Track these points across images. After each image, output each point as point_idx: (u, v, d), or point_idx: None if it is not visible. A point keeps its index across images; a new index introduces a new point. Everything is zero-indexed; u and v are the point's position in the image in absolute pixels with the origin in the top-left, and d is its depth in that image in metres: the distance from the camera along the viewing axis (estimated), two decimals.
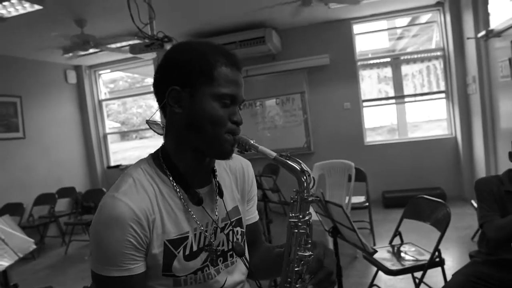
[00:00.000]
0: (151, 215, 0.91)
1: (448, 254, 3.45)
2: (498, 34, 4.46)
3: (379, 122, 10.15)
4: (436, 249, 2.43)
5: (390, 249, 2.79)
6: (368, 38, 8.04)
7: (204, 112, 0.91)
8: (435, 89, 6.01)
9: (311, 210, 0.96)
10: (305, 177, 0.86)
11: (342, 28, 5.80)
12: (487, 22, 4.70)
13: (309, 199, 0.87)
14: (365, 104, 6.10)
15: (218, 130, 0.92)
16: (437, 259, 2.45)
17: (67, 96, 6.62)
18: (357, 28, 5.99)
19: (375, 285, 2.81)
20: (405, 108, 7.52)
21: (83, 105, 6.89)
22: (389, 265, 2.48)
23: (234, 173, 1.12)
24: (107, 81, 7.75)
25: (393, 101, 6.67)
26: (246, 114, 6.03)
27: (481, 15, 4.76)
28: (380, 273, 2.59)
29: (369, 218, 4.17)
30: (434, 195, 5.14)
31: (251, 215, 1.17)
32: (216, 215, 1.02)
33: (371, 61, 6.40)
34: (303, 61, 5.78)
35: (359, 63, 6.09)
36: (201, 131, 0.92)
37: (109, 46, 4.66)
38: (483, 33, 4.65)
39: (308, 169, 0.87)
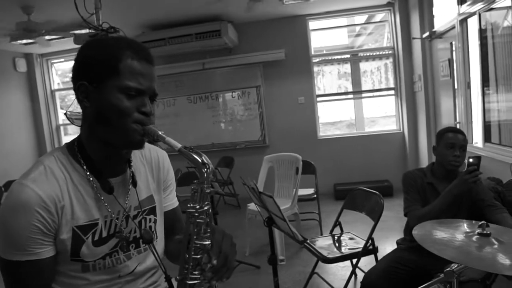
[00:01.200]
0: (60, 202, 0.95)
1: (389, 242, 3.65)
2: (440, 35, 4.72)
3: (338, 116, 10.45)
4: (370, 237, 2.58)
5: (331, 238, 2.93)
6: (328, 35, 8.21)
7: (109, 104, 0.94)
8: (388, 86, 6.23)
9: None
10: (206, 169, 0.91)
11: (297, 24, 5.91)
12: (431, 24, 4.95)
13: (207, 190, 0.91)
14: (321, 99, 6.24)
15: (124, 120, 0.95)
16: (371, 247, 2.60)
17: (15, 85, 6.36)
18: (313, 24, 6.11)
19: (316, 273, 2.93)
20: (362, 103, 7.79)
21: (34, 95, 6.64)
22: (326, 253, 2.61)
23: (150, 163, 1.17)
24: (67, 70, 7.48)
25: (351, 96, 6.88)
26: (203, 107, 6.05)
27: (427, 17, 5.00)
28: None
29: (318, 210, 4.32)
30: (382, 187, 5.46)
31: (169, 202, 1.23)
32: (126, 203, 1.06)
33: (329, 57, 6.55)
34: (259, 55, 5.85)
35: (318, 59, 6.24)
36: (108, 123, 0.96)
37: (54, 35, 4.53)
38: (427, 34, 4.90)
39: (209, 162, 0.93)
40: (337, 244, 2.82)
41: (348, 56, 6.79)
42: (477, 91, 3.93)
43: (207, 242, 0.91)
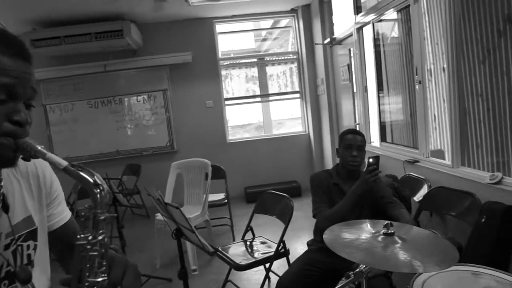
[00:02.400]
0: None
1: (300, 242, 3.75)
2: (340, 42, 5.01)
3: (247, 119, 10.60)
4: (281, 240, 2.60)
5: (243, 244, 2.90)
6: (236, 38, 8.24)
7: None
8: (294, 89, 6.43)
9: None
10: (99, 191, 0.77)
11: (204, 27, 5.83)
12: (332, 31, 5.23)
13: (102, 217, 0.76)
14: (229, 102, 6.23)
15: None
16: (282, 250, 2.62)
17: None
18: (220, 27, 6.08)
19: (229, 280, 2.88)
20: (269, 106, 7.96)
21: None
22: (239, 260, 2.56)
23: (26, 177, 0.97)
24: None
25: (259, 99, 6.98)
26: (105, 112, 5.64)
27: (327, 24, 5.27)
28: None
29: (229, 215, 4.28)
30: (291, 188, 5.62)
31: (58, 217, 1.03)
32: None
33: (237, 61, 6.57)
34: (165, 57, 5.64)
35: (226, 62, 6.22)
36: None
37: None
38: (328, 40, 5.17)
39: (103, 183, 0.79)
40: (249, 250, 2.80)
41: (255, 60, 6.87)
42: (373, 94, 4.24)
43: (101, 279, 0.75)
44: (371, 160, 2.03)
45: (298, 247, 3.57)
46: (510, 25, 3.06)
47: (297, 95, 6.27)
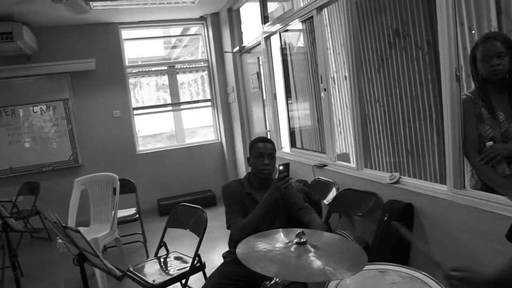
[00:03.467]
0: None
1: (216, 253, 3.68)
2: (249, 50, 5.08)
3: (159, 129, 10.25)
4: (196, 254, 2.51)
5: (157, 261, 2.75)
6: (144, 45, 7.92)
7: None
8: (206, 97, 6.35)
9: None
10: None
11: (109, 32, 5.51)
12: (241, 39, 5.29)
13: None
14: (139, 111, 5.96)
15: None
16: (198, 264, 2.54)
17: None
18: (126, 33, 5.79)
19: None
20: (181, 115, 7.78)
21: None
22: (152, 279, 2.42)
23: None
24: None
25: (170, 108, 6.78)
26: None
27: (236, 33, 5.32)
28: None
29: (141, 230, 4.07)
30: (205, 198, 5.53)
31: None
32: None
33: (146, 69, 6.31)
34: (65, 64, 5.19)
35: (135, 70, 5.93)
36: None
37: None
38: (237, 48, 5.21)
39: None
40: (164, 267, 2.67)
41: (165, 68, 6.68)
42: (282, 102, 4.36)
43: None
44: (281, 167, 2.05)
45: (215, 259, 3.51)
46: (399, 38, 3.37)
47: (209, 103, 6.22)
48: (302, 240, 1.36)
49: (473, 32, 2.83)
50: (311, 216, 2.13)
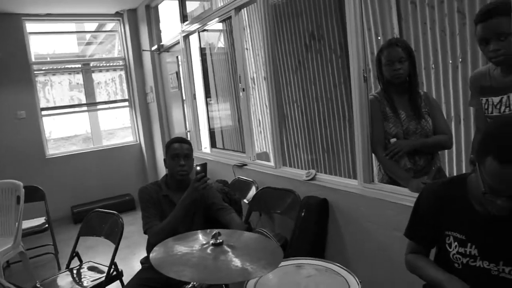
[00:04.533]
0: None
1: (136, 260, 3.53)
2: (168, 49, 4.95)
3: (73, 130, 9.56)
4: (112, 262, 2.38)
5: (69, 273, 2.56)
6: (55, 41, 7.33)
7: None
8: (124, 97, 6.05)
9: None
10: None
11: (10, 24, 4.98)
12: (159, 38, 5.14)
13: None
14: (48, 112, 5.49)
15: None
16: (115, 273, 2.41)
17: None
18: (32, 26, 5.29)
19: None
20: (98, 115, 7.34)
21: None
22: None
23: None
24: None
25: (85, 108, 6.34)
26: None
27: (154, 30, 5.16)
28: None
29: (52, 241, 3.75)
30: (124, 202, 5.29)
31: None
32: None
33: (57, 66, 5.85)
34: None
35: (44, 67, 5.46)
36: None
37: None
38: (156, 47, 5.05)
39: None
40: (77, 279, 2.49)
41: (79, 65, 6.26)
42: (202, 102, 4.32)
43: None
44: (198, 168, 2.03)
45: (135, 265, 3.36)
46: (314, 41, 3.52)
47: (126, 103, 5.95)
48: (218, 241, 1.35)
49: (379, 37, 3.05)
50: (230, 216, 2.13)
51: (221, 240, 1.35)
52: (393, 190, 2.06)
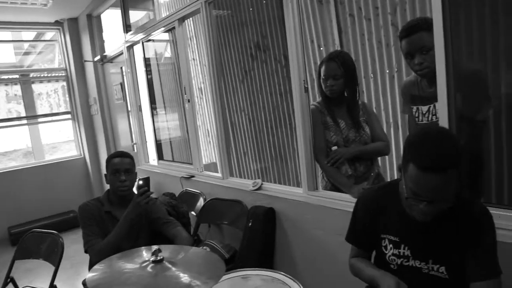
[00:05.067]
0: None
1: (80, 279, 3.36)
2: (111, 60, 4.81)
3: (12, 145, 8.97)
4: (52, 285, 2.26)
5: None
6: None
7: None
8: (68, 109, 5.76)
9: None
10: None
11: None
12: (102, 48, 4.98)
13: None
14: None
15: None
16: None
17: None
18: None
19: None
20: (39, 129, 6.93)
21: None
22: None
23: None
24: None
25: (25, 121, 5.96)
26: None
27: (97, 41, 4.99)
28: None
29: None
30: (68, 219, 5.04)
31: None
32: None
33: None
34: None
35: None
36: None
37: None
38: (99, 57, 4.89)
39: None
40: None
41: (17, 76, 5.90)
42: (148, 113, 4.23)
43: None
44: (140, 181, 1.98)
45: (79, 286, 3.19)
46: (260, 52, 3.57)
47: (69, 115, 5.69)
48: (158, 258, 1.31)
49: (321, 49, 3.15)
50: (176, 230, 2.09)
51: (161, 257, 1.32)
52: (336, 196, 2.11)
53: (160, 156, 4.15)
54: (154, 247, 1.41)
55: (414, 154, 1.15)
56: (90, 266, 2.09)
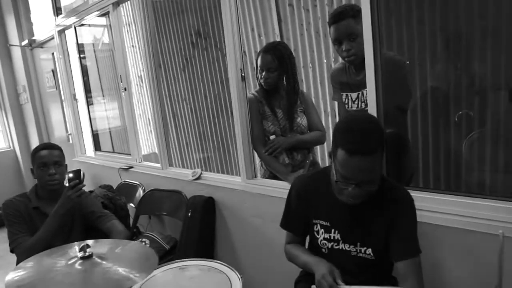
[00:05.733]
0: None
1: None
2: (41, 44, 4.50)
3: None
4: None
5: None
6: None
7: None
8: None
9: None
10: None
11: None
12: (31, 31, 4.64)
13: None
14: None
15: None
16: None
17: None
18: None
19: None
20: None
21: None
22: None
23: None
24: None
25: None
26: None
27: (25, 23, 4.64)
28: None
29: None
30: None
31: None
32: None
33: None
34: None
35: None
36: None
37: None
38: (26, 41, 4.56)
39: None
40: None
41: None
42: (83, 102, 4.02)
43: None
44: (71, 174, 1.88)
45: None
46: (201, 39, 3.51)
47: None
48: (87, 254, 1.26)
49: (261, 38, 3.15)
50: (111, 223, 2.03)
51: (90, 253, 1.27)
52: (274, 184, 2.15)
53: (97, 147, 3.97)
54: (84, 243, 1.35)
55: (341, 140, 1.21)
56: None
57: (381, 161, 1.24)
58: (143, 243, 2.41)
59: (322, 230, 1.42)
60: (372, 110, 1.65)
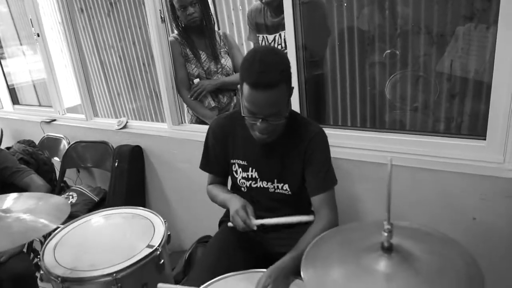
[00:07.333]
0: None
1: None
2: None
3: None
4: None
5: None
6: None
7: None
8: None
9: None
10: None
11: None
12: None
13: None
14: None
15: None
16: None
17: None
18: None
19: None
20: None
21: None
22: None
23: None
24: None
25: None
26: None
27: None
28: None
29: None
30: None
31: None
32: None
33: None
34: None
35: None
36: None
37: None
38: None
39: None
40: None
41: None
42: None
43: None
44: None
45: None
46: None
47: None
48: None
49: None
50: (29, 178, 1.95)
51: None
52: (200, 129, 2.12)
53: (15, 101, 3.68)
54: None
55: (245, 74, 1.18)
56: None
57: (288, 94, 1.23)
58: (70, 197, 2.34)
59: (240, 169, 1.43)
60: (291, 52, 1.64)
